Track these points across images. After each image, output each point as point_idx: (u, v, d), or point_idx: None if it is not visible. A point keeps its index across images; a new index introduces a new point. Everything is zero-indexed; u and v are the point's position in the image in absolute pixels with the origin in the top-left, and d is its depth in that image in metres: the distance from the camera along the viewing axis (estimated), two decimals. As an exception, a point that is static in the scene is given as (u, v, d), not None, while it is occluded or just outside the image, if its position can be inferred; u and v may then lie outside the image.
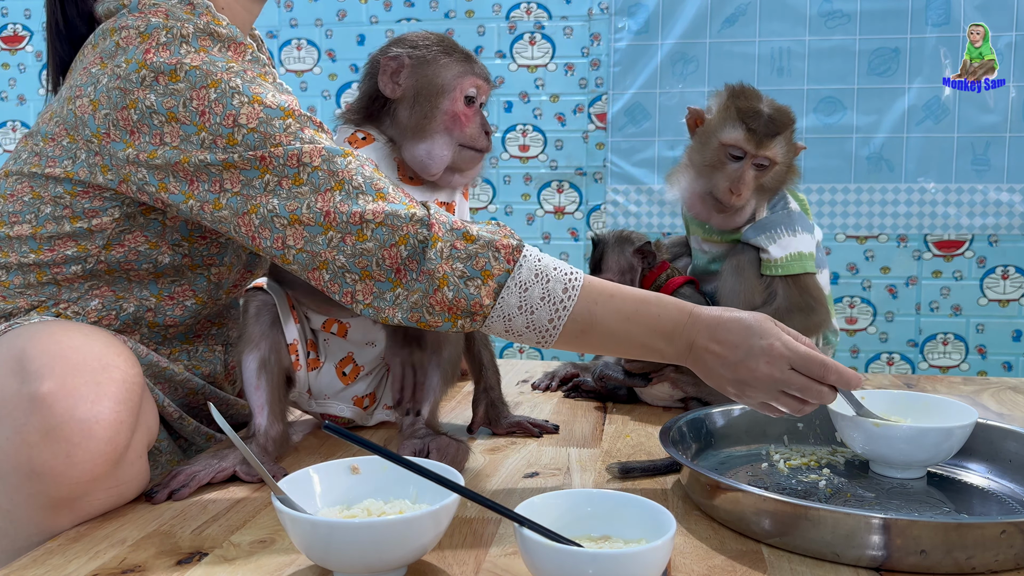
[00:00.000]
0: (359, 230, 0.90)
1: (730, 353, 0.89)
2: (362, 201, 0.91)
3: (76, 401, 0.80)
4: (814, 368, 0.87)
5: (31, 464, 0.79)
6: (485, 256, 0.91)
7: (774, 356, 0.87)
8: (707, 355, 0.90)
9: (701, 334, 0.91)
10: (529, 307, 0.91)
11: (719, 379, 0.91)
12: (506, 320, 0.92)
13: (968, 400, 1.38)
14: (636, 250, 1.38)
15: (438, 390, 1.11)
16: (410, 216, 0.91)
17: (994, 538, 0.73)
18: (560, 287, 0.92)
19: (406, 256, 0.90)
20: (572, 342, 0.94)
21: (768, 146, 1.26)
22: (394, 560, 0.70)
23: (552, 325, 0.92)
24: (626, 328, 0.92)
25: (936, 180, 2.53)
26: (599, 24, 2.68)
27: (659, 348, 0.93)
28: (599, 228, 2.72)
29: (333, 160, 0.92)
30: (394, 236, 0.90)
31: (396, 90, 1.09)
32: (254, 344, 1.07)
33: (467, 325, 0.92)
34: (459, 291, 0.90)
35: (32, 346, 0.84)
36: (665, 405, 1.35)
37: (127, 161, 0.94)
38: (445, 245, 0.90)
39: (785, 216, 1.30)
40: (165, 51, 0.93)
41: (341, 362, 1.16)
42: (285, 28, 2.84)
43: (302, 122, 0.93)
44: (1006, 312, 2.56)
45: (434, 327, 0.92)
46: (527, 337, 0.93)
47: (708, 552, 0.79)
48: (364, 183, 0.92)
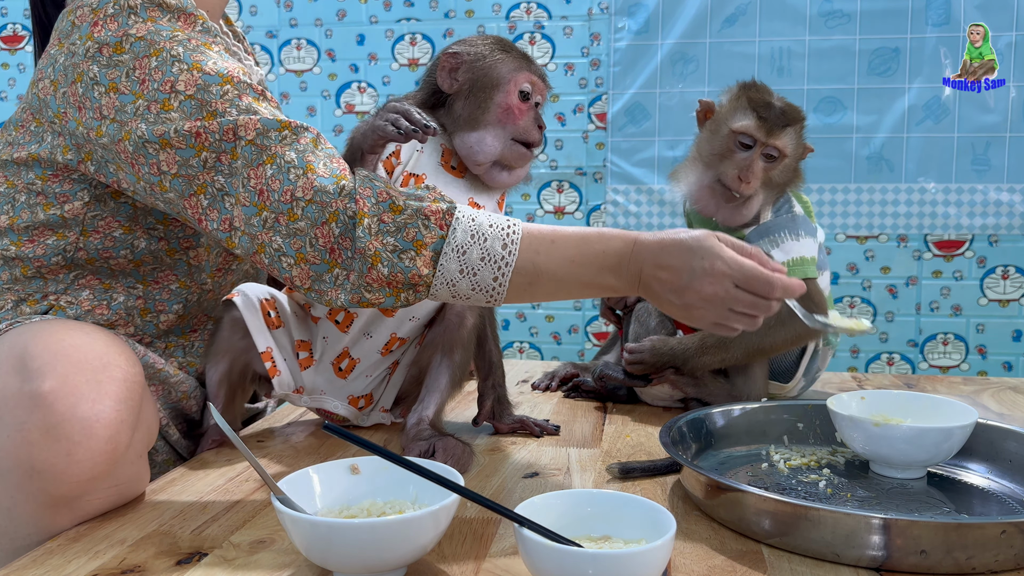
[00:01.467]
0: (290, 209, 0.88)
1: (675, 278, 0.87)
2: (292, 176, 0.89)
3: (77, 400, 0.80)
4: (758, 285, 0.86)
5: (32, 462, 0.79)
6: (415, 226, 0.88)
7: (716, 275, 0.86)
8: (654, 283, 0.89)
9: (647, 262, 0.89)
10: (471, 270, 0.89)
11: (669, 305, 0.90)
12: (450, 286, 0.90)
13: (968, 400, 1.38)
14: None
15: (445, 392, 1.11)
16: (338, 190, 0.88)
17: (994, 538, 0.73)
18: (499, 244, 0.89)
19: (338, 234, 0.88)
20: (522, 295, 0.92)
21: (778, 135, 1.27)
22: (394, 560, 0.70)
23: (497, 283, 0.90)
24: (572, 271, 0.90)
25: (936, 180, 2.53)
26: (599, 24, 2.68)
27: (609, 284, 0.91)
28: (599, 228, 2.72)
29: (267, 134, 0.90)
30: (324, 213, 0.88)
31: (453, 85, 1.12)
32: (219, 358, 1.11)
33: (411, 298, 0.90)
34: (393, 266, 0.88)
35: (34, 344, 0.84)
36: (665, 405, 1.35)
37: (86, 139, 0.94)
38: (372, 220, 0.88)
39: (789, 220, 1.29)
40: (112, 23, 0.93)
41: (337, 358, 1.16)
42: (285, 28, 2.84)
43: (241, 89, 0.92)
44: (1006, 312, 2.56)
45: (377, 304, 0.90)
46: (475, 299, 0.91)
47: (708, 552, 0.79)
48: (296, 157, 0.90)
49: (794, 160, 1.31)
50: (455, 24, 2.75)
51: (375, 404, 1.22)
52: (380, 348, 1.17)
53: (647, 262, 0.89)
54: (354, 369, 1.17)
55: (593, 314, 2.74)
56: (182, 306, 1.12)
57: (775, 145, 1.27)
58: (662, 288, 0.88)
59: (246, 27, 2.85)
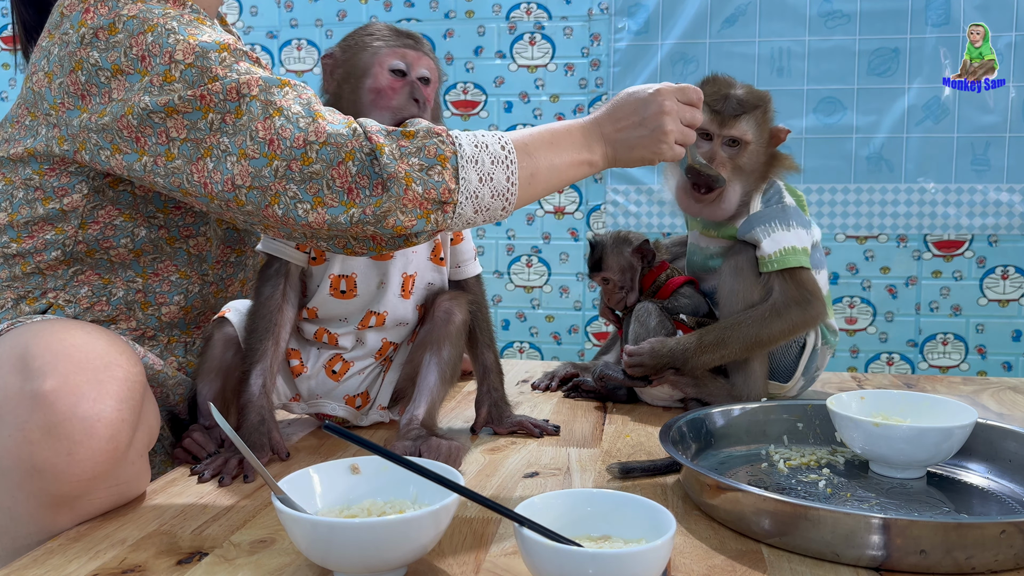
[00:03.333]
0: (303, 154, 0.90)
1: (634, 116, 1.01)
2: (303, 124, 0.91)
3: (78, 399, 0.80)
4: (691, 94, 1.04)
5: (32, 461, 0.79)
6: (432, 143, 0.92)
7: (663, 93, 1.01)
8: (620, 134, 1.01)
9: (605, 124, 1.02)
10: (488, 175, 0.94)
11: (641, 143, 1.01)
12: (473, 199, 0.94)
13: (968, 400, 1.38)
14: (635, 249, 1.38)
15: (436, 390, 1.11)
16: (352, 132, 0.91)
17: (994, 538, 0.73)
18: (498, 147, 0.95)
19: (355, 172, 0.90)
20: (526, 191, 0.98)
21: (733, 125, 1.28)
22: (394, 560, 0.70)
23: (510, 183, 0.95)
24: (558, 154, 0.99)
25: (936, 180, 2.53)
26: (599, 24, 2.68)
27: (586, 158, 1.01)
28: (599, 228, 2.72)
29: (270, 90, 0.92)
30: (340, 153, 0.90)
31: (331, 85, 1.12)
32: (212, 376, 1.11)
33: (440, 219, 0.93)
34: (426, 183, 0.91)
35: (35, 344, 0.84)
36: (665, 405, 1.35)
37: (82, 128, 0.95)
38: (392, 147, 0.91)
39: (779, 210, 1.30)
40: (103, 7, 0.94)
41: (330, 361, 1.16)
42: (285, 28, 2.84)
43: (237, 56, 0.94)
44: (1006, 312, 2.56)
45: (408, 228, 0.92)
46: (493, 208, 0.96)
47: (708, 552, 0.79)
48: (303, 108, 0.92)
49: (761, 145, 1.31)
50: (455, 24, 2.75)
51: (372, 403, 1.22)
52: (374, 353, 1.18)
53: (605, 125, 1.02)
54: (347, 371, 1.17)
55: (593, 314, 2.74)
56: (183, 297, 1.12)
57: (731, 135, 1.28)
58: (628, 133, 1.01)
59: (246, 27, 2.85)
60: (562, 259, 2.76)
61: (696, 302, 1.36)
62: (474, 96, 2.75)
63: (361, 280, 1.13)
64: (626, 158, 1.02)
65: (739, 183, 1.29)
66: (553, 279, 2.77)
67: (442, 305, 1.14)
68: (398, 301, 1.16)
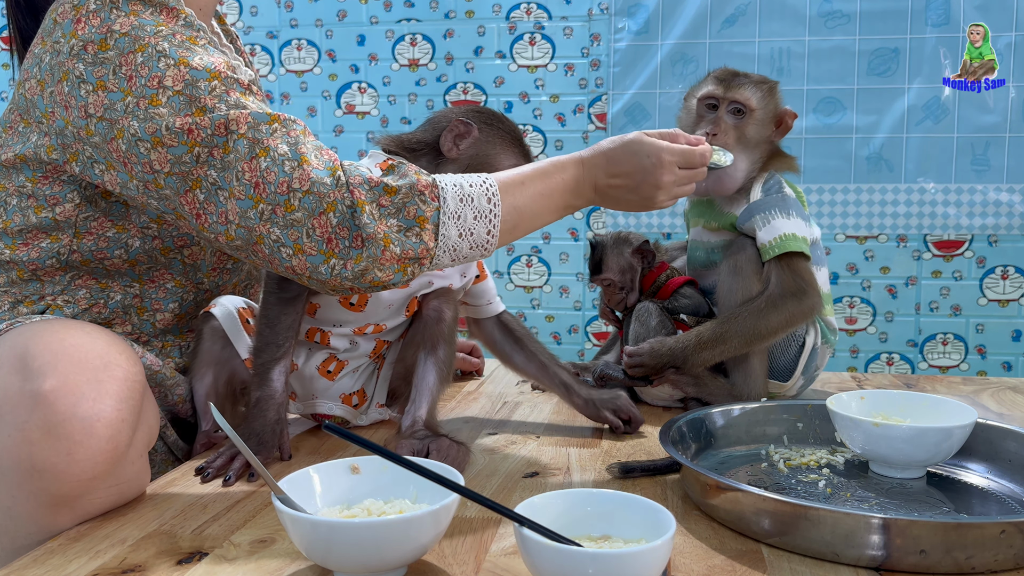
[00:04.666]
0: (287, 200, 0.90)
1: (629, 180, 1.01)
2: (288, 168, 0.90)
3: (78, 399, 0.80)
4: (694, 159, 1.03)
5: (32, 461, 0.79)
6: (413, 204, 0.93)
7: (666, 165, 1.00)
8: (611, 190, 1.02)
9: (599, 177, 1.01)
10: (468, 231, 0.95)
11: (628, 203, 1.03)
12: (452, 252, 0.95)
13: (968, 400, 1.38)
14: (635, 250, 1.38)
15: (435, 389, 1.11)
16: (335, 181, 0.91)
17: (994, 538, 0.73)
18: (484, 200, 0.96)
19: (336, 224, 0.90)
20: (509, 238, 0.99)
21: (738, 89, 1.32)
22: (394, 560, 0.70)
23: (490, 235, 0.96)
24: (544, 204, 1.00)
25: (936, 180, 2.53)
26: (599, 24, 2.68)
27: (572, 205, 1.02)
28: (599, 228, 2.72)
29: (258, 127, 0.91)
30: (321, 204, 0.90)
31: (453, 151, 1.14)
32: (203, 370, 1.11)
33: (416, 271, 0.95)
34: (403, 244, 0.92)
35: (34, 344, 0.84)
36: (665, 405, 1.35)
37: (75, 138, 0.94)
38: (372, 206, 0.91)
39: (779, 199, 1.30)
40: (95, 18, 0.93)
41: (324, 363, 1.17)
42: (285, 28, 2.84)
43: (228, 84, 0.93)
44: (1006, 312, 2.56)
45: (386, 282, 0.94)
46: (471, 256, 0.97)
47: (708, 552, 0.79)
48: (289, 149, 0.91)
49: (766, 119, 1.33)
50: (455, 25, 2.75)
51: (370, 401, 1.22)
52: (368, 353, 1.18)
53: (599, 176, 1.01)
54: (342, 370, 1.17)
55: (593, 314, 2.74)
56: (178, 305, 1.12)
57: (737, 99, 1.31)
58: (619, 192, 1.02)
59: (246, 27, 2.85)
60: (562, 259, 2.76)
61: (696, 302, 1.36)
62: (474, 96, 2.75)
63: (372, 300, 1.13)
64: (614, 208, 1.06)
65: (743, 157, 1.31)
66: (553, 279, 2.77)
67: (431, 303, 1.14)
68: (400, 316, 1.17)
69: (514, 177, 0.99)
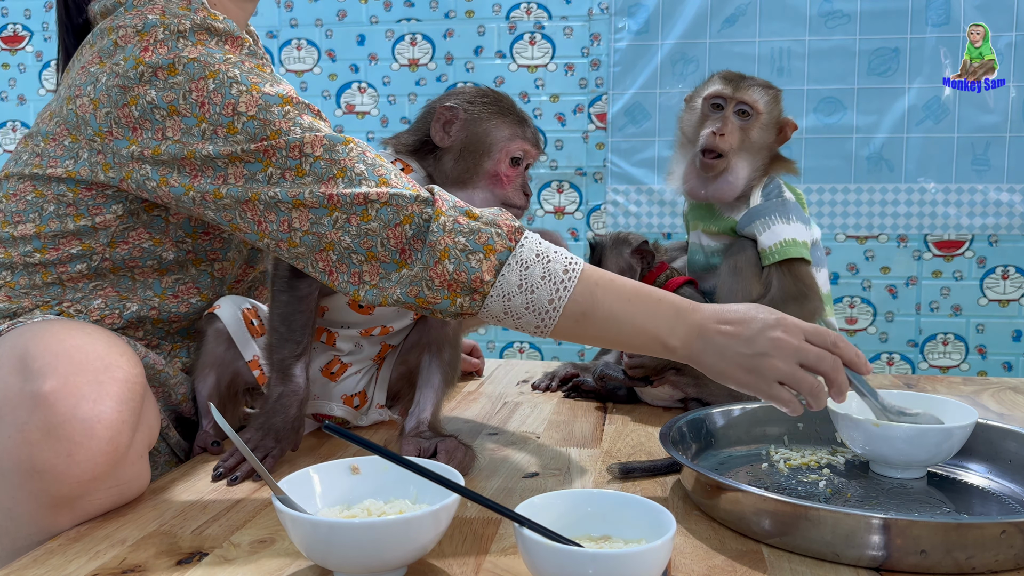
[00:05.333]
0: (364, 210, 0.90)
1: (744, 329, 0.86)
2: (365, 186, 0.91)
3: (78, 400, 0.80)
4: (826, 338, 0.86)
5: (32, 462, 0.79)
6: (488, 232, 0.90)
7: (789, 326, 0.86)
8: (719, 336, 0.87)
9: (708, 318, 0.88)
10: (529, 286, 0.89)
11: (734, 358, 0.86)
12: (505, 299, 0.89)
13: (968, 400, 1.38)
14: (634, 250, 1.38)
15: (440, 392, 1.11)
16: (414, 197, 0.90)
17: (994, 538, 0.73)
18: (561, 268, 0.89)
19: (411, 235, 0.90)
20: (572, 327, 0.90)
21: (746, 91, 1.32)
22: (394, 560, 0.70)
23: (552, 306, 0.89)
24: (628, 310, 0.89)
25: (936, 180, 2.53)
26: (599, 24, 2.68)
27: (662, 333, 0.89)
28: (599, 228, 2.72)
29: (335, 148, 0.92)
30: (398, 215, 0.89)
31: (445, 140, 1.12)
32: (206, 371, 1.11)
33: (466, 304, 0.90)
34: (460, 264, 0.88)
35: (35, 345, 0.84)
36: (665, 405, 1.35)
37: (131, 158, 0.94)
38: (448, 219, 0.89)
39: (779, 204, 1.30)
40: (163, 47, 0.93)
41: (328, 364, 1.17)
42: (285, 28, 2.84)
43: (300, 109, 0.94)
44: (1006, 312, 2.56)
45: (432, 304, 0.90)
46: (526, 320, 0.90)
47: (708, 552, 0.79)
48: (366, 170, 0.92)
49: (770, 124, 1.33)
50: (455, 24, 2.75)
51: (370, 402, 1.22)
52: (372, 356, 1.18)
53: (708, 318, 0.88)
54: (344, 372, 1.17)
55: (593, 314, 2.74)
56: (197, 315, 1.13)
57: (745, 100, 1.31)
58: (729, 341, 0.87)
59: (246, 27, 2.85)
60: (562, 259, 2.76)
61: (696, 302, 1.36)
62: (474, 96, 2.75)
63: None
64: (713, 367, 0.88)
65: (745, 161, 1.30)
66: (553, 279, 2.77)
67: None
68: (407, 319, 1.17)
69: (608, 274, 0.92)
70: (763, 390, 0.87)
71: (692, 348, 0.88)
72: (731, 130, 1.30)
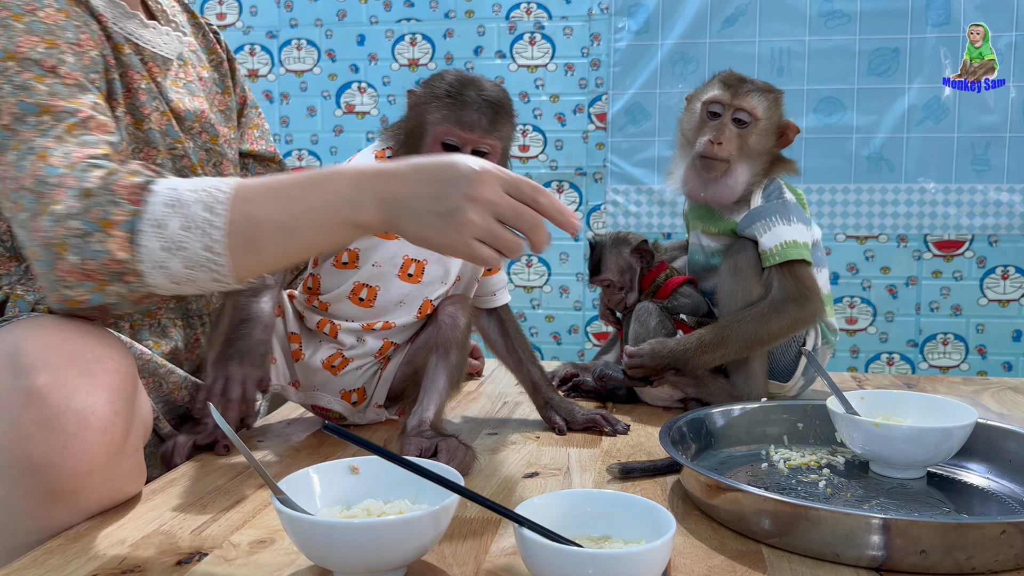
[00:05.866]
0: (18, 199, 0.84)
1: (436, 186, 0.78)
2: (27, 163, 0.83)
3: (71, 392, 0.80)
4: (527, 188, 0.79)
5: (28, 457, 0.79)
6: (99, 204, 0.79)
7: (487, 176, 0.77)
8: (410, 199, 0.78)
9: (389, 180, 0.79)
10: (176, 244, 0.79)
11: (427, 218, 0.78)
12: (162, 269, 0.80)
13: (968, 400, 1.38)
14: (634, 250, 1.38)
15: (444, 393, 1.11)
16: (59, 181, 0.82)
17: (994, 538, 0.73)
18: (200, 207, 0.80)
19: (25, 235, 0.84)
20: (251, 261, 0.82)
21: (744, 98, 1.30)
22: (394, 560, 0.70)
23: (214, 253, 0.80)
24: (296, 209, 0.80)
25: (936, 180, 2.53)
26: (599, 24, 2.68)
27: (348, 214, 0.80)
28: (599, 228, 2.72)
29: (24, 118, 0.87)
30: (37, 205, 0.82)
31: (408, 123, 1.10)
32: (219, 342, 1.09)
33: (123, 291, 0.82)
34: (83, 252, 0.79)
35: (25, 340, 0.84)
36: (665, 405, 1.35)
37: None
38: (63, 206, 0.80)
39: (780, 205, 1.30)
40: None
41: (330, 357, 1.17)
42: (285, 28, 2.84)
43: (24, 66, 0.89)
44: (1006, 312, 2.56)
45: (85, 302, 0.82)
46: (200, 279, 0.82)
47: (708, 552, 0.79)
48: (39, 144, 0.86)
49: (769, 129, 1.32)
50: (455, 24, 2.75)
51: (369, 400, 1.22)
52: (375, 352, 1.18)
53: (389, 179, 0.80)
54: (345, 367, 1.17)
55: (593, 314, 2.74)
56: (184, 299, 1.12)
57: (743, 107, 1.30)
58: (419, 200, 0.78)
59: (246, 27, 2.85)
60: (562, 259, 2.76)
61: (696, 301, 1.36)
62: (474, 96, 2.75)
63: (382, 295, 1.13)
64: (410, 231, 0.80)
65: (745, 166, 1.30)
66: (553, 279, 2.77)
67: (446, 309, 1.15)
68: (411, 318, 1.17)
69: (265, 181, 0.82)
70: (460, 249, 0.79)
71: (386, 217, 0.80)
72: (728, 138, 1.29)
